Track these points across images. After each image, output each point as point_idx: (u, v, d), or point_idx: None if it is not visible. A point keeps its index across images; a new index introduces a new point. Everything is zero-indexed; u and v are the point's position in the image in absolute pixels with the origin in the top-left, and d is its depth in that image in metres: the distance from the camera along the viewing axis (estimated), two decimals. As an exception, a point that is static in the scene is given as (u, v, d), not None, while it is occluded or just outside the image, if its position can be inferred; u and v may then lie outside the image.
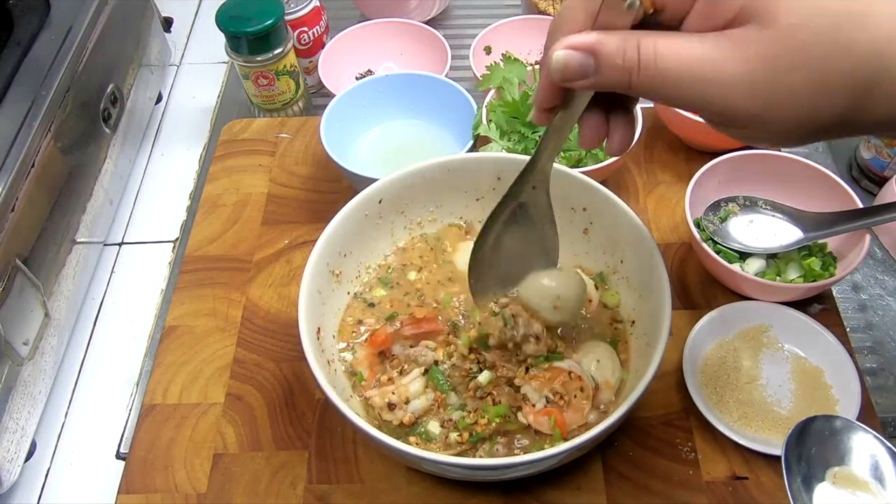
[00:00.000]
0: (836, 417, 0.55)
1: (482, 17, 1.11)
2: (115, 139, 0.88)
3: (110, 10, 0.88)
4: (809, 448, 0.53)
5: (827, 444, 0.53)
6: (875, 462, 0.52)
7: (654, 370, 0.55)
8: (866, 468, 0.52)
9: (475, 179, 0.72)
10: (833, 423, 0.54)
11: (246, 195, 0.88)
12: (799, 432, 0.53)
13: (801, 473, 0.52)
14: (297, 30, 0.97)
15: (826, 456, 0.53)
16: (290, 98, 0.97)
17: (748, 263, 0.74)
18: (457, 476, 0.59)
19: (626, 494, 0.64)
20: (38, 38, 0.79)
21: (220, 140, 0.95)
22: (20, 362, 0.68)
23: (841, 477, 0.52)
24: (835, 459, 0.53)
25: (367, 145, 0.89)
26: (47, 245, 0.73)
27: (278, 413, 0.70)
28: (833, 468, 0.53)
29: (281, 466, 0.67)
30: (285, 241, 0.83)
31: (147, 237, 0.91)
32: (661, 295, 0.59)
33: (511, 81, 0.85)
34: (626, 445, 0.66)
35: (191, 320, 0.77)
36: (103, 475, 0.72)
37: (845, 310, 0.78)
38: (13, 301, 0.67)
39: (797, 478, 0.52)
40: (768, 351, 0.71)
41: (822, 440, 0.53)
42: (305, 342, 0.58)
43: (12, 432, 0.68)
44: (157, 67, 1.03)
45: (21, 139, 0.70)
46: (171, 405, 0.71)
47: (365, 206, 0.68)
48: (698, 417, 0.66)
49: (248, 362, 0.74)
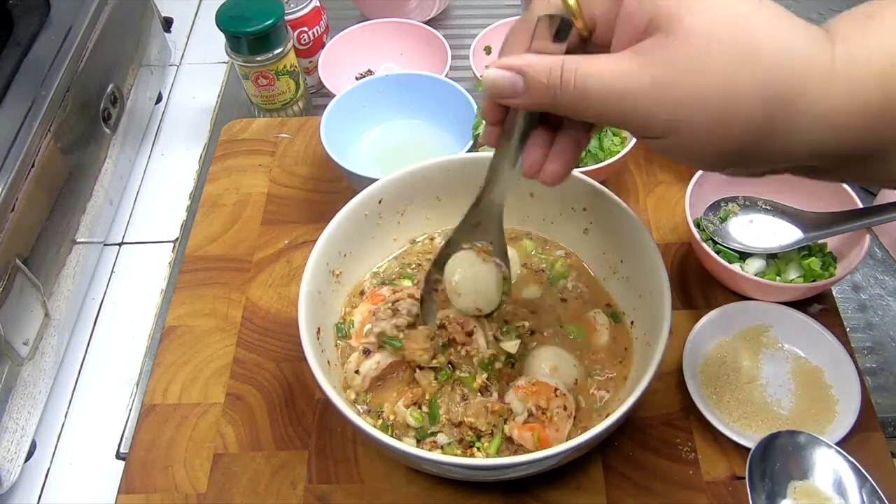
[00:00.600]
0: (800, 433, 0.54)
1: (482, 17, 1.11)
2: (115, 139, 0.88)
3: (110, 10, 0.88)
4: (773, 463, 0.53)
5: (791, 460, 0.53)
6: (838, 478, 0.52)
7: (654, 370, 0.55)
8: (829, 483, 0.52)
9: (475, 179, 0.72)
10: (796, 439, 0.54)
11: (246, 195, 0.88)
12: (763, 448, 0.53)
13: (765, 490, 0.52)
14: (297, 30, 0.97)
15: (790, 471, 0.53)
16: (290, 98, 0.97)
17: (748, 263, 0.74)
18: (457, 476, 0.59)
19: (626, 494, 0.64)
20: (38, 38, 0.79)
21: (220, 140, 0.95)
22: (20, 362, 0.68)
23: (804, 492, 0.52)
24: (798, 474, 0.53)
25: (367, 145, 0.89)
26: (47, 245, 0.73)
27: (278, 413, 0.70)
28: (795, 482, 0.53)
29: (281, 466, 0.67)
30: (285, 241, 0.83)
31: (147, 237, 0.91)
32: (661, 295, 0.59)
33: (511, 81, 0.85)
34: (626, 445, 0.66)
35: (191, 320, 0.77)
36: (103, 475, 0.72)
37: (845, 310, 0.78)
38: (13, 301, 0.67)
39: (761, 495, 0.52)
40: (768, 351, 0.71)
41: (785, 456, 0.53)
42: (305, 342, 0.58)
43: (12, 432, 0.68)
44: (157, 67, 1.03)
45: (21, 139, 0.70)
46: (171, 405, 0.71)
47: (365, 206, 0.68)
48: (698, 417, 0.66)
49: (248, 362, 0.74)
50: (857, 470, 0.52)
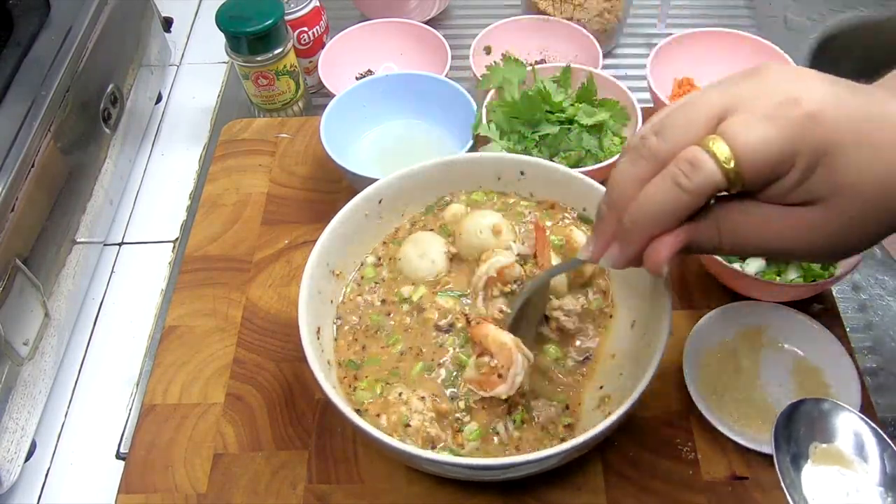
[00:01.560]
0: (825, 400, 0.56)
1: (482, 17, 1.11)
2: (115, 139, 0.88)
3: (110, 10, 0.88)
4: (798, 429, 0.55)
5: (815, 425, 0.55)
6: (860, 441, 0.54)
7: (653, 370, 0.55)
8: (851, 446, 0.54)
9: (475, 179, 0.72)
10: (821, 405, 0.56)
11: (246, 195, 0.88)
12: (788, 414, 0.55)
13: (789, 453, 0.54)
14: (297, 30, 0.97)
15: (813, 435, 0.55)
16: (290, 98, 0.97)
17: (748, 263, 0.74)
18: (457, 476, 0.59)
19: (626, 494, 0.64)
20: (38, 38, 0.79)
21: (220, 140, 0.95)
22: (20, 362, 0.68)
23: (827, 454, 0.54)
24: (821, 438, 0.55)
25: (367, 145, 0.89)
26: (47, 245, 0.73)
27: (278, 413, 0.70)
28: (819, 444, 0.54)
29: (281, 466, 0.67)
30: (285, 241, 0.83)
31: (147, 237, 0.91)
32: (661, 295, 0.59)
33: (511, 81, 0.85)
34: (626, 445, 0.66)
35: (191, 320, 0.77)
36: (103, 475, 0.72)
37: (845, 310, 0.78)
38: (13, 301, 0.67)
39: (786, 457, 0.54)
40: (768, 351, 0.71)
41: (810, 420, 0.55)
42: (305, 342, 0.58)
43: (12, 432, 0.68)
44: (157, 67, 1.03)
45: (21, 139, 0.70)
46: (171, 405, 0.71)
47: (365, 206, 0.68)
48: (698, 417, 0.66)
49: (248, 362, 0.74)
50: (879, 435, 0.53)
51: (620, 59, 1.07)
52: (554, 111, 0.84)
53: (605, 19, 1.01)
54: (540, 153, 0.81)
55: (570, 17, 1.01)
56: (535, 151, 0.81)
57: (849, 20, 1.12)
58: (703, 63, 0.94)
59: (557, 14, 1.01)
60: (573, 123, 0.83)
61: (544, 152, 0.81)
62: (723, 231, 0.44)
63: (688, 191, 0.41)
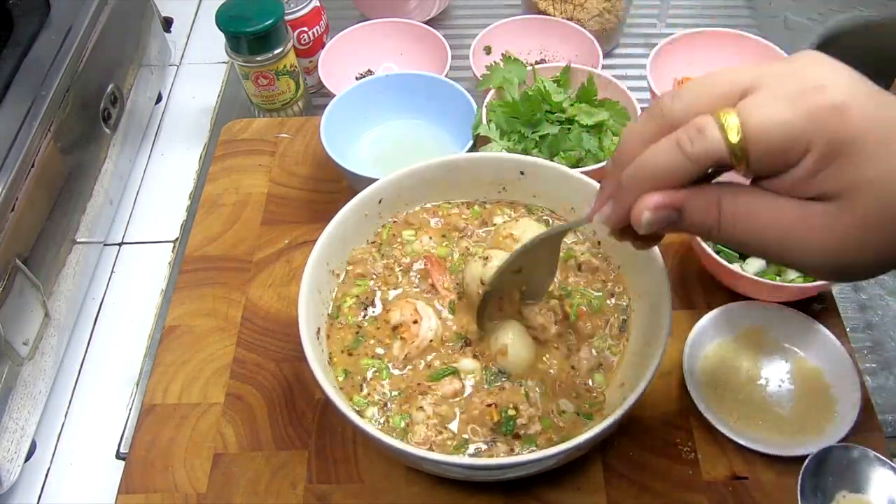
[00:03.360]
0: (854, 447, 0.55)
1: (482, 17, 1.11)
2: (115, 139, 0.88)
3: (110, 10, 0.88)
4: (826, 478, 0.54)
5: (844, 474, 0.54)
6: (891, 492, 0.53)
7: (653, 370, 0.55)
8: (883, 498, 0.53)
9: (475, 179, 0.72)
10: (850, 453, 0.55)
11: (246, 195, 0.88)
12: (817, 462, 0.55)
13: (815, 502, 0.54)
14: (297, 30, 0.97)
15: (842, 483, 0.54)
16: (290, 98, 0.97)
17: (748, 263, 0.74)
18: (457, 476, 0.59)
19: (626, 494, 0.64)
20: (38, 38, 0.79)
21: (220, 140, 0.95)
22: (20, 362, 0.68)
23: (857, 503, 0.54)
24: (851, 487, 0.54)
25: (367, 145, 0.89)
26: (47, 245, 0.73)
27: (278, 413, 0.70)
28: (848, 493, 0.54)
29: (281, 466, 0.67)
30: (285, 241, 0.83)
31: (147, 237, 0.91)
32: (661, 295, 0.59)
33: (511, 81, 0.85)
34: (626, 445, 0.66)
35: (191, 320, 0.77)
36: (103, 475, 0.72)
37: (845, 310, 0.78)
38: (13, 301, 0.67)
39: None
40: (768, 351, 0.71)
41: (839, 469, 0.54)
42: (305, 342, 0.58)
43: (12, 432, 0.68)
44: (157, 67, 1.03)
45: (21, 139, 0.70)
46: (171, 405, 0.71)
47: (365, 206, 0.68)
48: (698, 417, 0.66)
49: (248, 362, 0.74)
50: None
51: (620, 59, 1.08)
52: (554, 111, 0.84)
53: (605, 19, 1.01)
54: (540, 153, 0.81)
55: (570, 17, 1.01)
56: (535, 151, 0.81)
57: (849, 20, 1.12)
58: (703, 63, 0.94)
59: (557, 14, 1.01)
60: (573, 123, 0.83)
61: (544, 152, 0.81)
62: (724, 213, 0.41)
63: (689, 155, 0.40)
